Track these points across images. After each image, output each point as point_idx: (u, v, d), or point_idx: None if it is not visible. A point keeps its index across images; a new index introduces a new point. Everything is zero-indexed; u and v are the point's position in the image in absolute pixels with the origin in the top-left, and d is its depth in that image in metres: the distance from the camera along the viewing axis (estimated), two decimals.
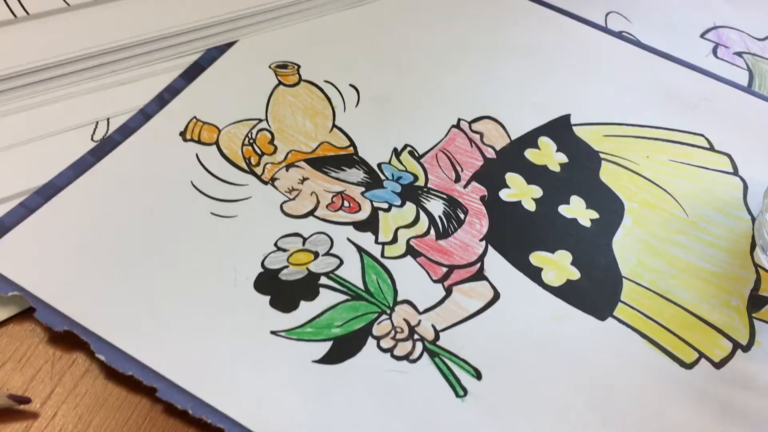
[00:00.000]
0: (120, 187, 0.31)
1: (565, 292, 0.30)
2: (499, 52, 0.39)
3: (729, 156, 0.36)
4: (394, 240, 0.31)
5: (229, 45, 0.37)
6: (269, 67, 0.37)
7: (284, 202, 0.32)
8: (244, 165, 0.33)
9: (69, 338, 0.26)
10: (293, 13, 0.39)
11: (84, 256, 0.29)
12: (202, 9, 0.37)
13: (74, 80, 0.34)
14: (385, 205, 0.32)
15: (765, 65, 0.41)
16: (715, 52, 0.42)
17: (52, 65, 0.33)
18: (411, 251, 0.31)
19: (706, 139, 0.37)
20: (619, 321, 0.30)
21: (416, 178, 0.33)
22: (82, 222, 0.30)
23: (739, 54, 0.42)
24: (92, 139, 0.32)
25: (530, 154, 0.35)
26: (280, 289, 0.29)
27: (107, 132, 0.33)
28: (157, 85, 0.35)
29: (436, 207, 0.32)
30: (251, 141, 0.34)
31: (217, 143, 0.33)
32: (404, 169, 0.34)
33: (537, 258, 0.31)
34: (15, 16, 0.34)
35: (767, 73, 0.41)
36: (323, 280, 0.29)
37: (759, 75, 0.40)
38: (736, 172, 0.35)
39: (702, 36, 0.43)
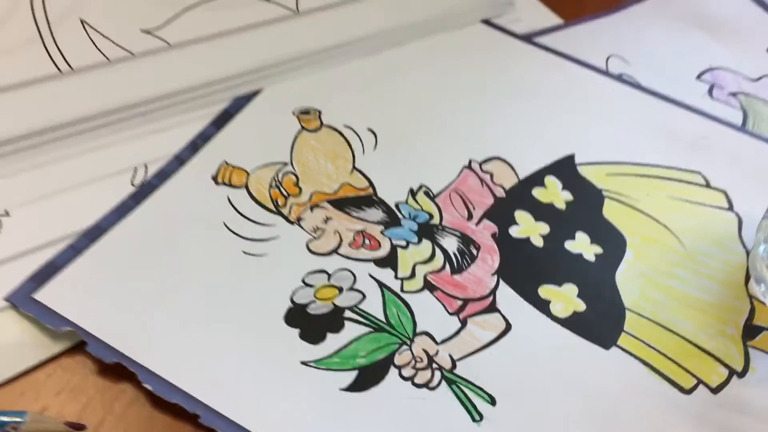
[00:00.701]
0: (159, 228, 0.34)
1: (572, 323, 0.32)
2: (507, 96, 0.42)
3: (724, 192, 0.38)
4: (412, 275, 0.34)
5: (255, 93, 0.40)
6: (292, 113, 0.40)
7: (310, 240, 0.34)
8: (272, 206, 0.35)
9: (118, 369, 0.29)
10: (314, 63, 0.42)
11: (129, 293, 0.31)
12: (229, 60, 0.40)
13: (114, 129, 0.37)
14: (403, 243, 0.35)
15: (758, 105, 0.44)
16: (711, 92, 0.44)
17: (94, 116, 0.36)
18: (428, 286, 0.33)
19: (703, 176, 0.39)
20: (623, 350, 0.32)
21: (432, 216, 0.36)
22: (126, 261, 0.32)
23: (734, 94, 0.44)
24: (132, 183, 0.35)
25: (537, 192, 0.38)
26: (308, 323, 0.31)
27: (146, 177, 0.35)
28: (189, 132, 0.38)
29: (451, 244, 0.35)
30: (278, 183, 0.36)
31: (246, 186, 0.36)
32: (420, 208, 0.36)
33: (545, 291, 0.34)
34: (60, 71, 0.37)
35: (760, 112, 0.43)
36: (348, 313, 0.32)
37: (753, 114, 0.43)
38: (731, 208, 0.38)
39: (698, 77, 0.45)
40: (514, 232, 0.36)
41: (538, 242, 0.36)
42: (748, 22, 0.49)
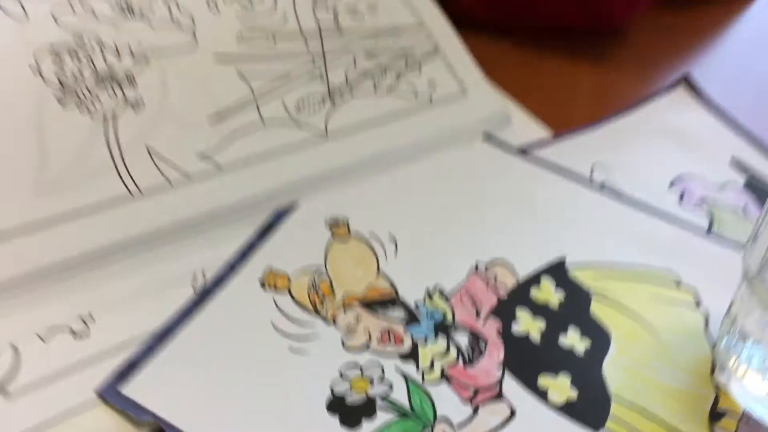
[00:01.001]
0: (219, 328, 0.40)
1: (566, 409, 0.39)
2: (506, 205, 0.49)
3: (693, 291, 0.45)
4: (431, 368, 0.40)
5: (293, 206, 0.47)
6: (324, 223, 0.46)
7: (344, 338, 0.41)
8: (311, 308, 0.42)
9: None
10: (341, 178, 0.49)
11: (199, 386, 0.37)
12: (270, 178, 0.47)
13: (177, 241, 0.43)
14: (423, 339, 0.41)
15: (721, 212, 0.51)
16: (681, 199, 0.51)
17: (160, 230, 0.43)
18: (445, 377, 0.39)
19: (675, 277, 0.46)
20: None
21: (446, 315, 0.42)
22: (194, 359, 0.38)
23: (701, 201, 0.51)
24: (193, 288, 0.42)
25: (534, 292, 0.44)
26: (346, 411, 0.37)
27: (204, 283, 0.42)
28: (238, 241, 0.44)
29: (463, 339, 0.41)
30: (315, 287, 0.43)
31: (289, 290, 0.42)
32: (436, 307, 0.43)
33: (543, 380, 0.40)
34: (130, 192, 0.43)
35: (724, 218, 0.50)
36: (379, 402, 0.38)
37: (717, 220, 0.50)
38: (699, 306, 0.44)
39: (670, 186, 0.52)
40: (516, 328, 0.42)
41: (536, 337, 0.42)
42: (713, 136, 0.56)
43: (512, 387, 0.39)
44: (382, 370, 0.39)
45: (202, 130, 0.47)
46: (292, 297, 0.42)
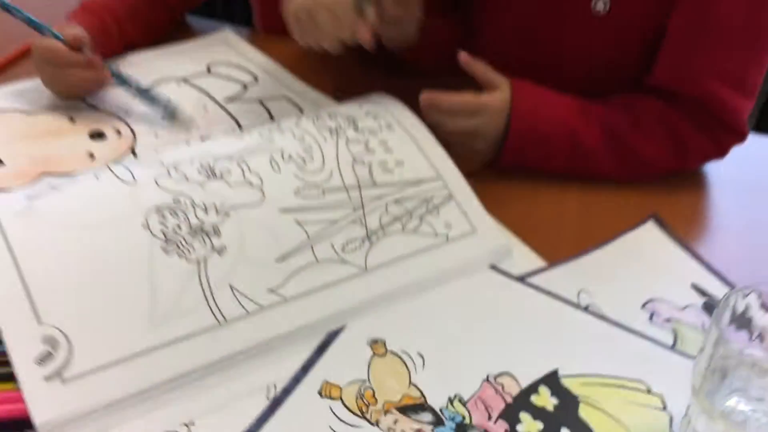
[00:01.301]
0: (288, 431, 0.52)
1: None
2: (510, 325, 0.61)
3: (661, 397, 0.57)
4: None
5: (342, 328, 0.59)
6: (367, 342, 0.59)
7: None
8: (359, 413, 0.54)
9: None
10: (379, 304, 0.61)
11: None
12: (323, 307, 0.59)
13: (253, 358, 0.56)
14: None
15: (684, 329, 0.63)
16: (651, 318, 0.64)
17: (241, 351, 0.55)
18: None
19: (645, 385, 0.57)
20: None
21: (464, 418, 0.54)
22: None
23: (667, 320, 0.64)
24: (267, 398, 0.54)
25: (534, 398, 0.56)
26: None
27: (276, 393, 0.54)
28: (300, 359, 0.57)
29: None
30: (361, 396, 0.55)
31: (341, 398, 0.54)
32: (456, 412, 0.54)
33: None
34: (218, 322, 0.56)
35: (686, 335, 0.62)
36: None
37: (680, 337, 0.62)
38: (665, 408, 0.56)
39: (642, 306, 0.65)
40: (520, 428, 0.54)
41: None
42: (677, 265, 0.69)
43: None
44: None
45: (271, 269, 0.60)
46: (344, 404, 0.54)
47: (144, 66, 0.87)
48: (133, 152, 0.75)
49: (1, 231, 0.56)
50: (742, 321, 0.50)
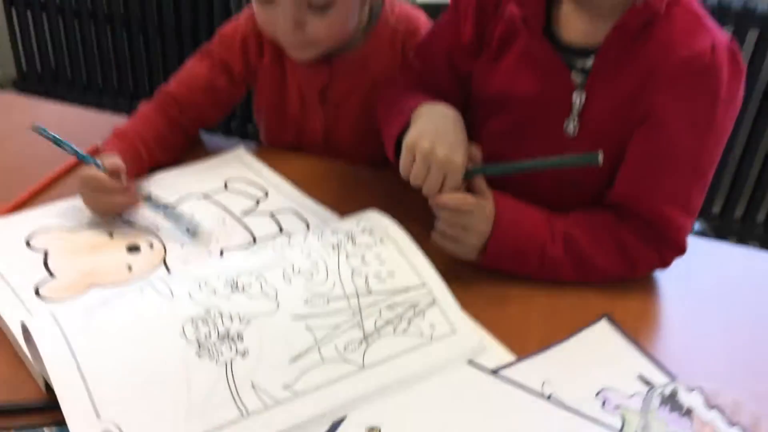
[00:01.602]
0: None
1: None
2: (487, 413, 0.73)
3: None
4: None
5: (343, 419, 0.71)
6: (364, 430, 0.70)
7: None
8: None
9: None
10: (375, 397, 0.73)
11: None
12: (328, 401, 0.71)
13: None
14: None
15: (630, 415, 0.75)
16: (603, 405, 0.76)
17: None
18: None
19: None
20: None
21: None
22: None
23: (617, 407, 0.76)
24: None
25: None
26: None
27: None
28: None
29: None
30: None
31: None
32: None
33: None
34: (242, 414, 0.68)
35: (631, 420, 0.74)
36: None
37: (627, 422, 0.74)
38: None
39: (596, 395, 0.77)
40: None
41: None
42: (626, 358, 0.82)
43: None
44: None
45: (285, 368, 0.72)
46: None
47: (169, 184, 1.00)
48: (165, 262, 0.87)
49: (66, 341, 0.68)
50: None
